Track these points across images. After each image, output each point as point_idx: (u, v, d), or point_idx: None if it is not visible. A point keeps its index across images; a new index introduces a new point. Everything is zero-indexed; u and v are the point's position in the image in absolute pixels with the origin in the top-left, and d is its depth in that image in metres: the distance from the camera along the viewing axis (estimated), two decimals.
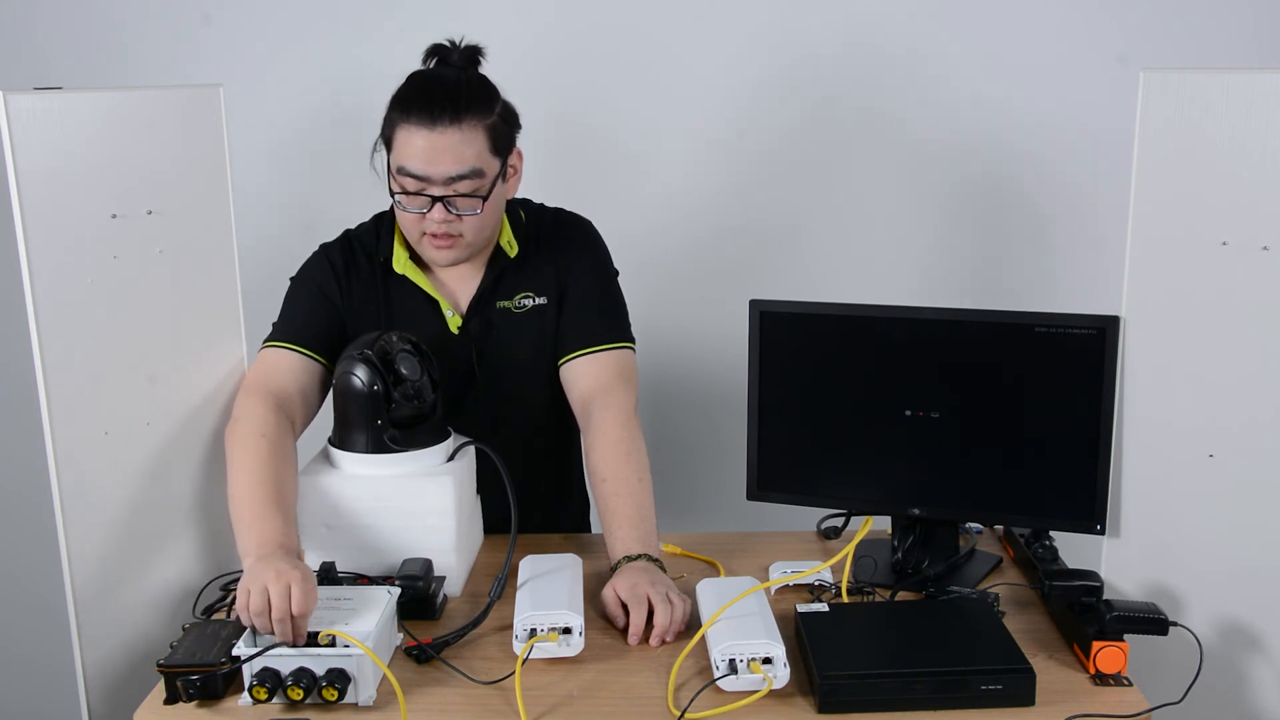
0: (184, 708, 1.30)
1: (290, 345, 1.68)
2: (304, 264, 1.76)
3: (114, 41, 2.33)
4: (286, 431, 1.57)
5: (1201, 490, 1.48)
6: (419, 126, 1.56)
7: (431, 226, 1.61)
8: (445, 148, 1.56)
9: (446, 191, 1.58)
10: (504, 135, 1.64)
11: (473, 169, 1.58)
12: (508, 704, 1.29)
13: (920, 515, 1.61)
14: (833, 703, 1.26)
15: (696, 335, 2.42)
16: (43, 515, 1.47)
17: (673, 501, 1.88)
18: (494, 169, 1.61)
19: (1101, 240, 2.23)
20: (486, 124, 1.60)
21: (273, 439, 1.53)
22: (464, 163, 1.57)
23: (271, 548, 1.39)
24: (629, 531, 1.54)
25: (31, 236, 1.40)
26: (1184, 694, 1.33)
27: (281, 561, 1.34)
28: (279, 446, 1.53)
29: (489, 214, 1.63)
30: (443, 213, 1.60)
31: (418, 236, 1.65)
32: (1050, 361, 1.51)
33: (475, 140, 1.58)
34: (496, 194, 1.64)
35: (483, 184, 1.60)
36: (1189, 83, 1.43)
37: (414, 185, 1.59)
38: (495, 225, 1.69)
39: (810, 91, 2.32)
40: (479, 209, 1.60)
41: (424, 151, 1.56)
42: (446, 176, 1.57)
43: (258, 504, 1.46)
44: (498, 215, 1.68)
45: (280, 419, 1.57)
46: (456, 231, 1.62)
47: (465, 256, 1.68)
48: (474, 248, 1.67)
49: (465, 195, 1.59)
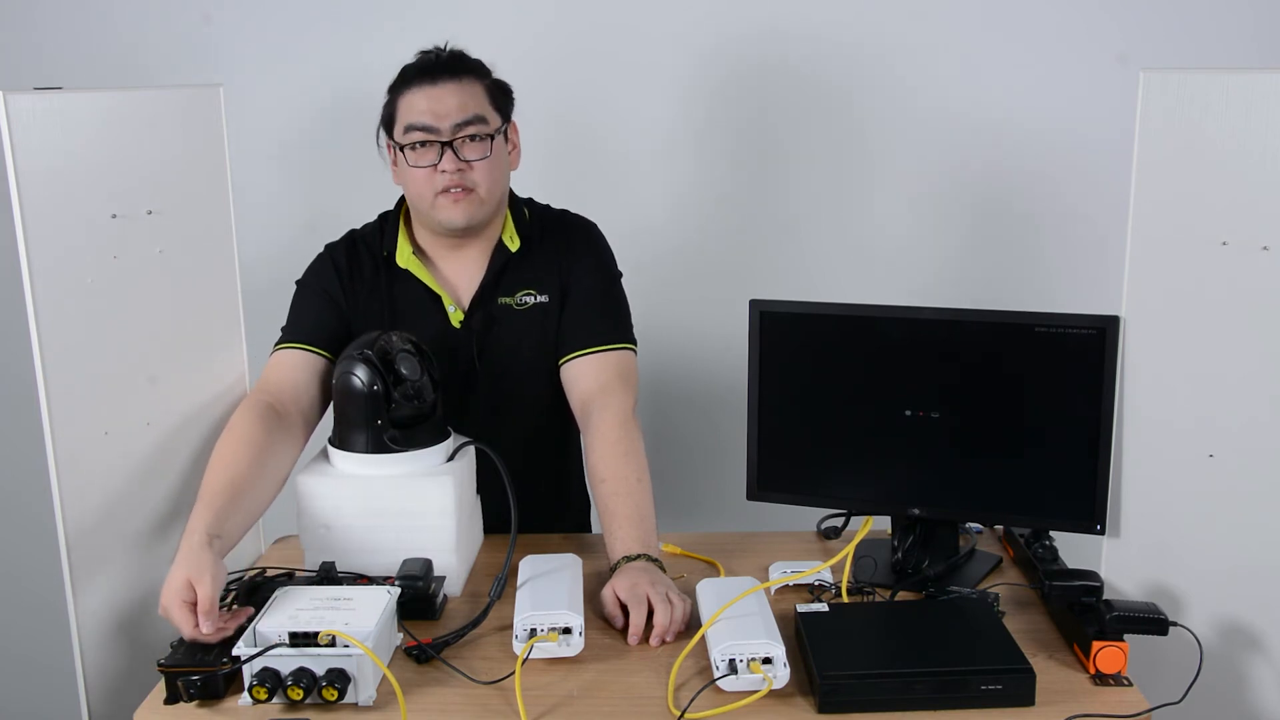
0: (184, 708, 1.30)
1: (296, 345, 1.69)
2: (309, 266, 1.78)
3: (114, 41, 2.33)
4: (272, 433, 1.57)
5: (1201, 490, 1.48)
6: (421, 85, 1.67)
7: (444, 179, 1.66)
8: (449, 97, 1.66)
9: (455, 136, 1.65)
10: (501, 98, 1.73)
11: (476, 115, 1.67)
12: (508, 704, 1.29)
13: (920, 515, 1.61)
14: (833, 703, 1.26)
15: (696, 335, 2.42)
16: (43, 515, 1.47)
17: (673, 501, 1.88)
18: (496, 122, 1.69)
19: (1101, 240, 2.22)
20: (484, 83, 1.71)
21: (248, 439, 1.53)
22: (467, 109, 1.66)
23: (187, 539, 1.40)
24: (628, 531, 1.55)
25: (31, 236, 1.40)
26: (1184, 694, 1.33)
27: (184, 557, 1.37)
28: (253, 446, 1.53)
29: (497, 165, 1.69)
30: (453, 160, 1.65)
31: (431, 198, 1.68)
32: (1050, 361, 1.51)
33: (476, 93, 1.69)
34: (501, 149, 1.70)
35: (488, 129, 1.67)
36: (1189, 83, 1.43)
37: (422, 137, 1.65)
38: (503, 188, 1.74)
39: (811, 91, 2.32)
40: (488, 152, 1.67)
41: (429, 103, 1.66)
42: (453, 123, 1.65)
43: (205, 491, 1.47)
44: (505, 175, 1.74)
45: (264, 423, 1.57)
46: (469, 183, 1.67)
47: (479, 215, 1.70)
48: (487, 206, 1.70)
49: (472, 139, 1.66)
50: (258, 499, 1.52)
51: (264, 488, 1.54)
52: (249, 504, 1.50)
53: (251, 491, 1.50)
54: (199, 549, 1.37)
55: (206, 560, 1.36)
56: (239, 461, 1.51)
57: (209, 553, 1.37)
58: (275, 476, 1.56)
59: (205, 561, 1.36)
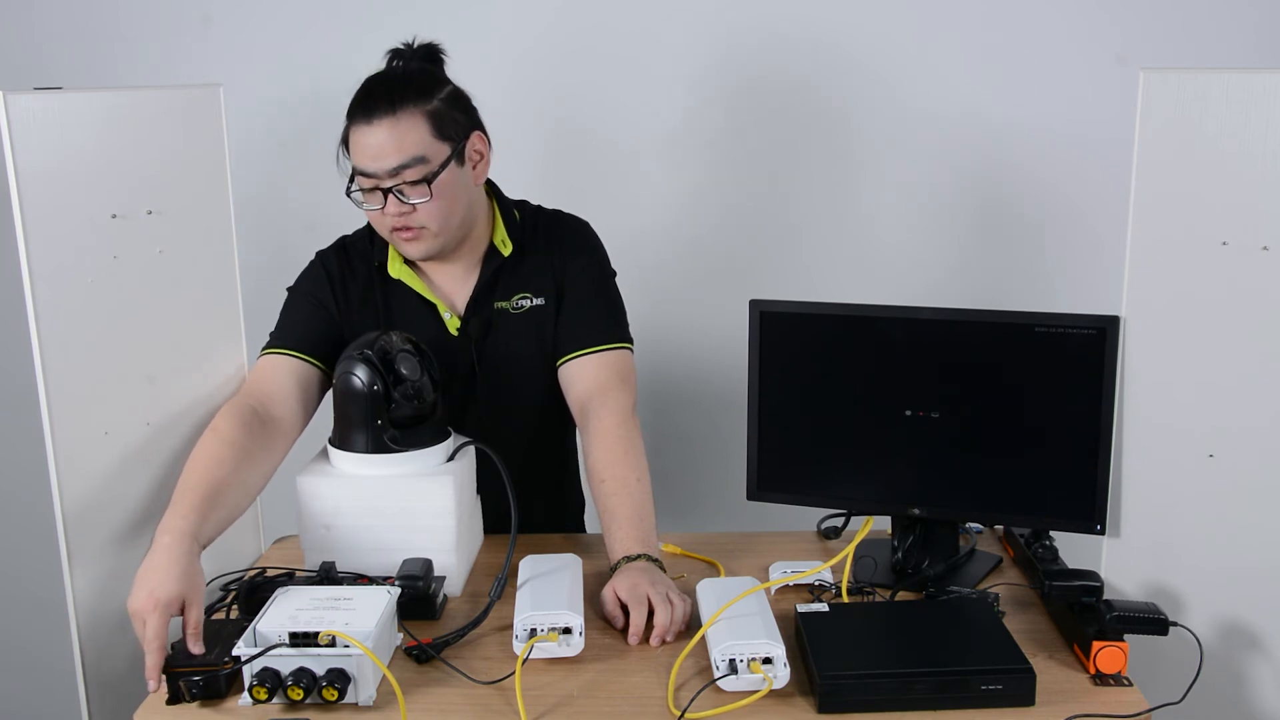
0: (184, 708, 1.30)
1: (283, 350, 1.68)
2: (301, 274, 1.77)
3: (114, 41, 2.33)
4: (252, 437, 1.55)
5: (1201, 490, 1.48)
6: (360, 124, 1.60)
7: (390, 221, 1.63)
8: (385, 139, 1.58)
9: (394, 182, 1.60)
10: (451, 120, 1.64)
11: (414, 157, 1.59)
12: (508, 704, 1.29)
13: (920, 515, 1.61)
14: (833, 703, 1.26)
15: (696, 335, 2.42)
16: (43, 515, 1.47)
17: (673, 501, 1.88)
18: (440, 154, 1.62)
19: (1101, 241, 2.23)
20: (426, 110, 1.61)
21: (227, 440, 1.52)
22: (404, 151, 1.59)
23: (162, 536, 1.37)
24: (628, 531, 1.54)
25: (31, 236, 1.40)
26: (1184, 694, 1.33)
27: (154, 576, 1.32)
28: (233, 448, 1.51)
29: (445, 200, 1.63)
30: (396, 204, 1.61)
31: (387, 233, 1.67)
32: (1050, 361, 1.51)
33: (414, 128, 1.59)
34: (450, 180, 1.63)
35: (428, 169, 1.61)
36: (1189, 83, 1.43)
37: (367, 183, 1.62)
38: (463, 212, 1.68)
39: (811, 91, 2.32)
40: (428, 195, 1.61)
41: (367, 147, 1.60)
42: (389, 169, 1.59)
43: (180, 489, 1.45)
44: (461, 202, 1.67)
45: (246, 427, 1.55)
46: (416, 223, 1.63)
47: (436, 248, 1.67)
48: (443, 238, 1.66)
49: (412, 183, 1.60)
50: (236, 505, 1.50)
51: (243, 494, 1.52)
52: (228, 509, 1.48)
53: (231, 496, 1.48)
54: (188, 557, 1.35)
55: (197, 574, 1.34)
56: (222, 464, 1.49)
57: (197, 564, 1.36)
58: (254, 484, 1.55)
59: (196, 576, 1.34)
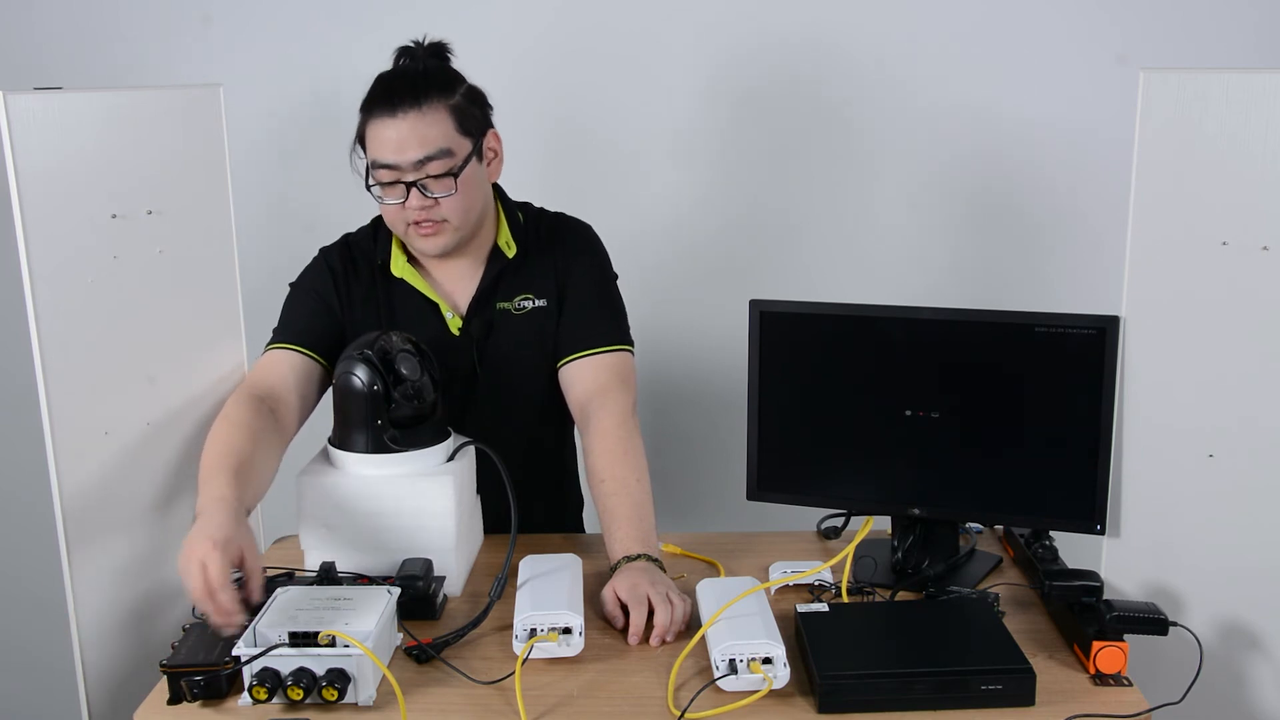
0: (184, 708, 1.30)
1: (286, 345, 1.69)
2: (303, 270, 1.77)
3: (114, 41, 2.33)
4: (265, 421, 1.56)
5: (1201, 490, 1.48)
6: (383, 117, 1.60)
7: (411, 214, 1.63)
8: (409, 132, 1.59)
9: (418, 175, 1.60)
10: (471, 116, 1.65)
11: (440, 149, 1.60)
12: (508, 704, 1.29)
13: (920, 515, 1.61)
14: (833, 703, 1.26)
15: (696, 335, 2.42)
16: (43, 515, 1.47)
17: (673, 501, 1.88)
18: (464, 149, 1.63)
19: (1101, 241, 2.23)
20: (449, 104, 1.62)
21: (242, 423, 1.53)
22: (430, 144, 1.59)
23: (205, 506, 1.38)
24: (628, 531, 1.54)
25: (31, 236, 1.40)
26: (1184, 694, 1.33)
27: (208, 527, 1.34)
28: (249, 430, 1.52)
29: (467, 194, 1.64)
30: (419, 198, 1.61)
31: (403, 228, 1.66)
32: (1050, 361, 1.51)
33: (439, 121, 1.60)
34: (472, 174, 1.64)
35: (453, 163, 1.61)
36: (1189, 83, 1.43)
37: (388, 176, 1.61)
38: (480, 208, 1.69)
39: (811, 91, 2.32)
40: (453, 189, 1.62)
41: (390, 140, 1.59)
42: (415, 160, 1.59)
43: (207, 469, 1.46)
44: (479, 197, 1.68)
45: (257, 413, 1.56)
46: (438, 217, 1.63)
47: (454, 243, 1.68)
48: (461, 232, 1.67)
49: (436, 176, 1.61)
50: (260, 484, 1.52)
51: (264, 474, 1.53)
52: (255, 486, 1.49)
53: (256, 474, 1.50)
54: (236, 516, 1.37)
55: (248, 529, 1.37)
56: (244, 445, 1.49)
57: (246, 523, 1.38)
58: (271, 467, 1.56)
59: (248, 530, 1.36)
